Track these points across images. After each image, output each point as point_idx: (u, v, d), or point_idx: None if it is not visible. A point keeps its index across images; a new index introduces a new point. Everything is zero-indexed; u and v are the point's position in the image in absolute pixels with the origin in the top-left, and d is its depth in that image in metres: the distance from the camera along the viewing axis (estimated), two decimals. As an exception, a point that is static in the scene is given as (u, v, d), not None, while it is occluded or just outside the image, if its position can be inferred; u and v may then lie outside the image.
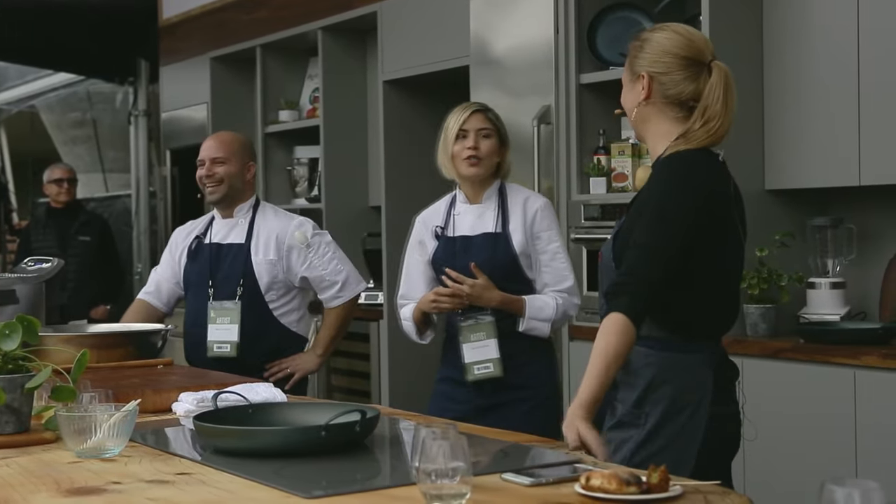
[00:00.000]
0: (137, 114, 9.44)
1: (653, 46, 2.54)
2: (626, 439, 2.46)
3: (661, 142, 2.55)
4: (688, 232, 2.43)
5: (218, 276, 3.98)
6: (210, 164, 4.04)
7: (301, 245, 3.98)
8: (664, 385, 2.46)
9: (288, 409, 2.41)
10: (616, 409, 2.50)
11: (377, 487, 1.94)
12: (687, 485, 1.85)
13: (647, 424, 2.45)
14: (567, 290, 3.51)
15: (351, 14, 6.09)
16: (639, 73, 2.55)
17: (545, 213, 3.54)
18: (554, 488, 1.87)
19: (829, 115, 4.13)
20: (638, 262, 2.42)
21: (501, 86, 5.01)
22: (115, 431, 2.19)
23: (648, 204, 2.47)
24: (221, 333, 3.87)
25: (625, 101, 2.63)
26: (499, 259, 3.50)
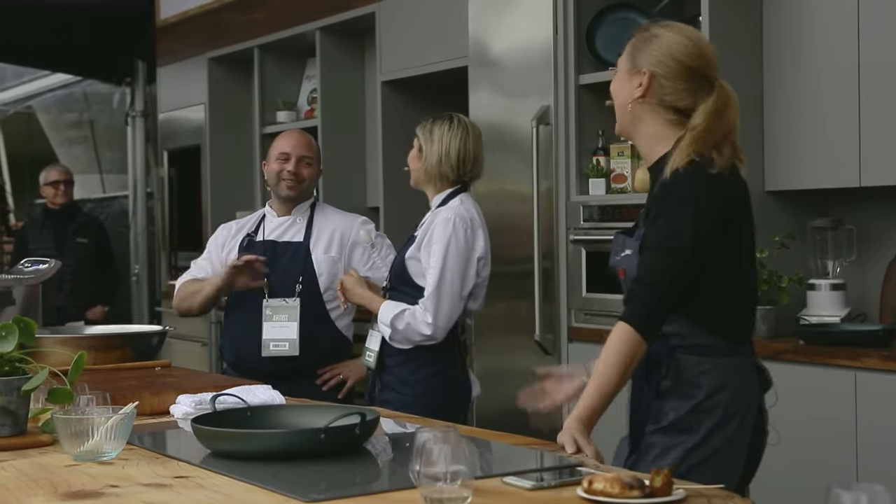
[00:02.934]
0: (135, 115, 9.43)
1: (661, 45, 2.45)
2: (675, 444, 2.41)
3: (652, 144, 2.49)
4: (704, 240, 2.37)
5: (274, 273, 3.87)
6: (297, 162, 3.94)
7: (366, 244, 3.94)
8: (721, 391, 2.41)
9: (286, 412, 2.39)
10: (665, 415, 2.44)
11: (376, 491, 1.92)
12: (690, 488, 1.83)
13: (702, 430, 2.41)
14: (422, 303, 3.48)
15: (349, 14, 6.08)
16: (640, 68, 2.46)
17: (439, 227, 3.52)
18: (556, 492, 1.86)
19: (829, 117, 4.12)
20: (648, 269, 2.37)
21: (500, 86, 4.99)
22: (113, 434, 2.17)
23: (663, 211, 2.39)
24: (279, 331, 3.77)
25: (618, 91, 2.53)
26: (397, 260, 3.63)
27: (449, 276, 3.48)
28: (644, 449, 2.45)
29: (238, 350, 3.88)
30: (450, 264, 3.48)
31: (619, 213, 4.53)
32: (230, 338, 3.93)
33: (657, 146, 2.49)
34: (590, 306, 4.54)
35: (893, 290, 4.18)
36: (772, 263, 4.20)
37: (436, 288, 3.48)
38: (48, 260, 3.84)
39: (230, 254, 3.98)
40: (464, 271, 3.51)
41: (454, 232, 3.50)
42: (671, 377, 2.42)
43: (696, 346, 2.41)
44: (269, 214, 4.02)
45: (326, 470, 2.07)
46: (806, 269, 4.33)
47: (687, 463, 2.37)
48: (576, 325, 4.60)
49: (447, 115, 3.77)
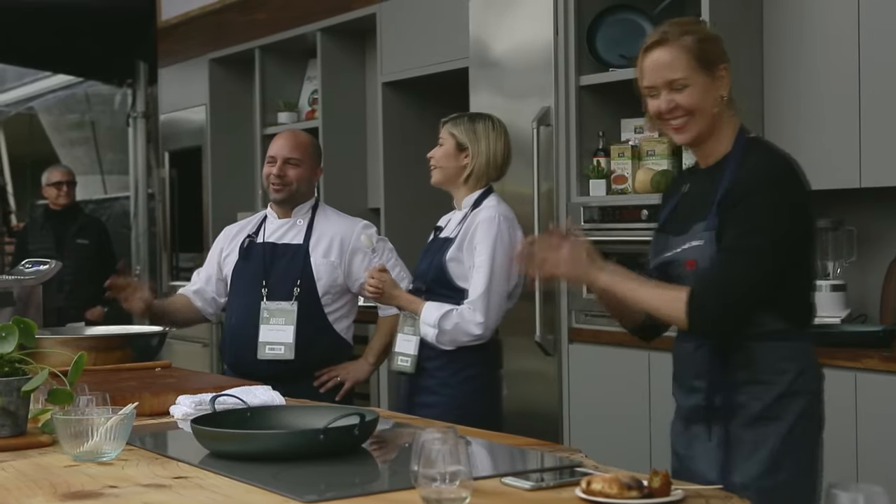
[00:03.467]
0: (136, 116, 9.43)
1: (716, 39, 2.51)
2: (765, 438, 2.42)
3: (722, 139, 2.50)
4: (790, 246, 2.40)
5: (272, 276, 3.84)
6: (282, 163, 3.89)
7: (367, 249, 3.90)
8: (802, 375, 2.44)
9: (286, 413, 2.40)
10: (748, 407, 2.44)
11: (376, 491, 1.92)
12: (689, 489, 1.84)
13: (788, 418, 2.42)
14: (470, 303, 3.47)
15: (350, 16, 6.08)
16: (719, 64, 2.48)
17: (483, 226, 3.51)
18: (555, 492, 1.86)
19: (830, 118, 4.12)
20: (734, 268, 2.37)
21: (501, 87, 5.00)
22: (113, 435, 2.17)
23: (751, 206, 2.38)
24: (275, 334, 3.75)
25: (702, 102, 2.48)
26: (434, 262, 3.59)
27: (497, 276, 3.48)
28: (734, 445, 2.45)
29: (236, 351, 3.87)
30: (497, 263, 3.47)
31: (620, 214, 4.54)
32: (229, 339, 3.91)
33: (723, 141, 2.51)
34: (590, 307, 4.54)
35: (894, 291, 4.18)
36: (772, 264, 4.19)
37: (486, 287, 3.46)
38: (48, 261, 3.85)
39: (229, 256, 3.99)
40: (509, 270, 3.51)
41: (499, 231, 3.50)
42: (745, 366, 2.42)
43: (771, 333, 2.42)
44: (271, 216, 3.99)
45: (326, 470, 2.07)
46: (806, 270, 4.32)
47: (780, 454, 2.40)
48: (576, 325, 4.61)
49: (480, 114, 3.77)
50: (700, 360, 2.48)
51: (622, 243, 4.51)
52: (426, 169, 5.95)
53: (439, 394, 3.52)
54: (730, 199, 2.41)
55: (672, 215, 2.58)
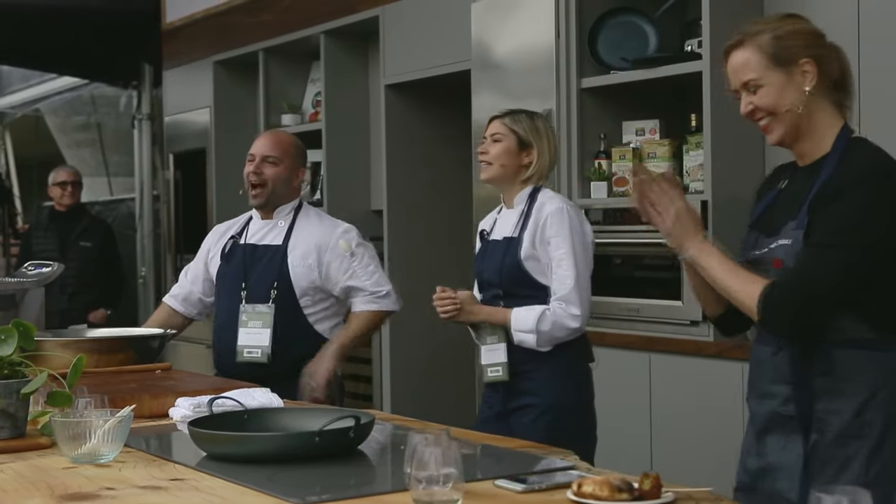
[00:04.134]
0: (141, 118, 9.45)
1: (797, 32, 2.42)
2: (853, 455, 2.30)
3: (821, 137, 2.41)
4: (886, 248, 2.30)
5: (251, 278, 3.82)
6: (260, 161, 3.86)
7: (345, 253, 3.83)
8: (884, 388, 2.31)
9: (283, 415, 2.41)
10: (829, 423, 2.33)
11: (370, 493, 1.93)
12: (679, 491, 1.85)
13: (874, 433, 2.30)
14: (562, 298, 3.42)
15: (353, 18, 6.10)
16: (796, 59, 2.38)
17: (555, 219, 3.46)
18: (547, 495, 1.87)
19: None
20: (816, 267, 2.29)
21: (503, 90, 5.01)
22: (110, 437, 2.18)
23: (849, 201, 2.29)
24: (252, 338, 3.72)
25: (780, 101, 2.40)
26: (506, 264, 3.51)
27: (582, 265, 3.45)
28: (820, 464, 2.33)
29: (219, 354, 3.87)
30: (578, 253, 3.44)
31: (621, 217, 4.55)
32: (215, 341, 3.91)
33: (823, 141, 2.41)
34: (593, 309, 4.53)
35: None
36: (772, 266, 4.20)
37: (576, 279, 3.41)
38: (51, 263, 3.86)
39: (215, 257, 3.99)
40: (588, 258, 3.49)
41: (571, 221, 3.45)
42: (826, 373, 2.32)
43: (856, 341, 2.31)
44: (255, 217, 3.97)
45: (322, 472, 2.08)
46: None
47: (872, 470, 2.28)
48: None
49: (533, 111, 3.70)
50: (778, 364, 2.38)
51: (624, 245, 4.52)
52: (430, 171, 6.03)
53: (539, 395, 3.46)
54: (824, 196, 2.33)
55: (764, 213, 2.50)
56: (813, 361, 2.34)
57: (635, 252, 4.54)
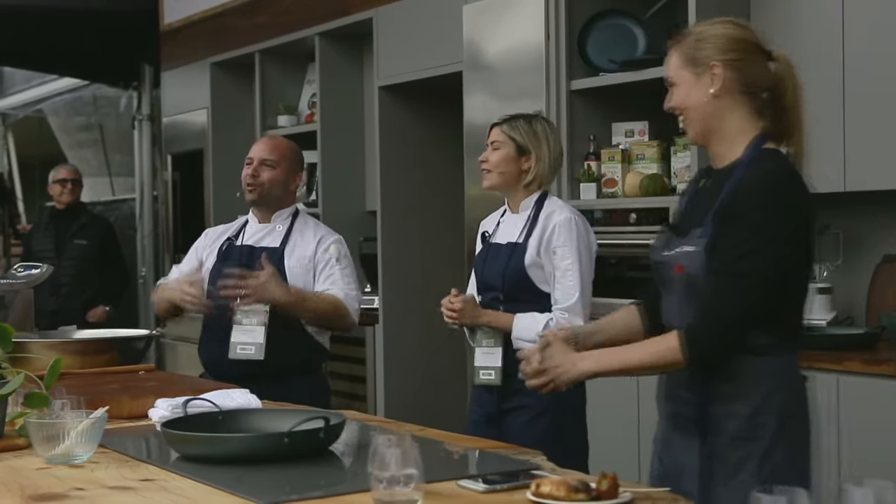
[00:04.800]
0: (141, 118, 9.49)
1: (717, 36, 2.43)
2: (746, 457, 2.36)
3: (732, 142, 2.43)
4: (786, 259, 2.34)
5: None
6: (258, 164, 3.92)
7: (332, 257, 3.89)
8: (779, 391, 2.36)
9: (257, 416, 2.44)
10: (725, 426, 2.38)
11: (335, 494, 1.96)
12: (637, 491, 1.87)
13: (767, 435, 2.35)
14: (567, 309, 3.44)
15: (347, 20, 6.14)
16: (707, 63, 2.41)
17: (563, 229, 3.48)
18: (507, 495, 1.90)
19: (815, 121, 4.12)
20: (724, 296, 2.33)
21: (494, 91, 5.04)
22: (84, 438, 2.22)
23: (752, 228, 2.32)
24: (246, 335, 3.75)
25: (687, 99, 2.45)
26: (510, 269, 3.52)
27: (587, 276, 3.48)
28: (715, 466, 2.39)
29: (210, 352, 3.89)
30: (584, 264, 3.47)
31: (610, 218, 4.57)
32: (205, 339, 3.94)
33: (735, 145, 2.43)
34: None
35: (879, 294, 4.21)
36: (758, 267, 4.22)
37: (581, 291, 3.43)
38: (41, 265, 3.89)
39: (210, 256, 4.02)
40: (592, 269, 3.52)
41: (579, 232, 3.48)
42: (728, 379, 2.37)
43: (752, 347, 2.36)
44: (252, 220, 4.02)
45: (291, 473, 2.11)
46: (793, 273, 4.35)
47: (765, 471, 2.33)
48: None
49: (533, 114, 3.70)
50: (685, 370, 2.43)
51: (612, 246, 4.54)
52: (423, 172, 6.05)
53: (534, 396, 3.43)
54: (728, 209, 2.36)
55: (681, 213, 2.54)
56: (716, 368, 2.38)
57: (624, 253, 4.56)
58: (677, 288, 2.46)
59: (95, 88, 10.77)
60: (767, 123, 2.46)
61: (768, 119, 2.46)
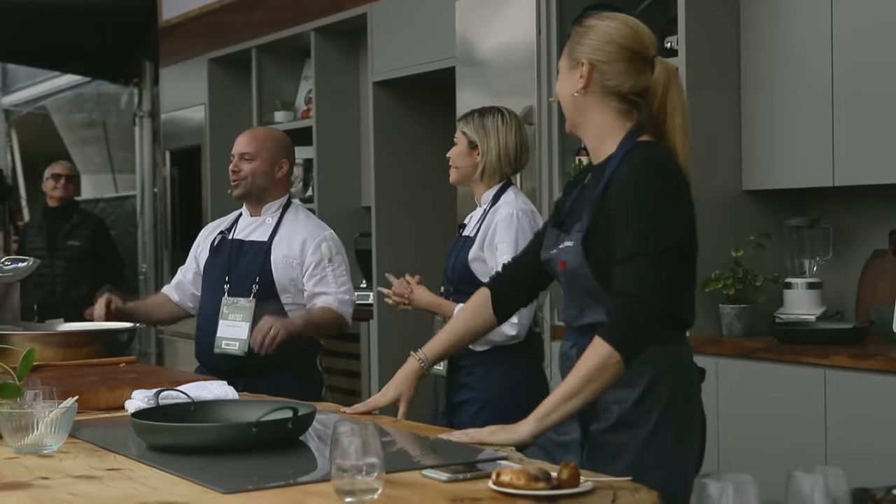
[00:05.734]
0: (142, 115, 9.51)
1: (597, 34, 2.43)
2: (627, 443, 2.37)
3: (603, 137, 2.45)
4: (683, 236, 2.37)
5: (235, 272, 3.87)
6: (238, 159, 3.95)
7: (324, 257, 3.88)
8: (665, 379, 2.37)
9: (229, 407, 2.43)
10: (611, 411, 2.38)
11: (294, 483, 1.96)
12: (599, 481, 1.87)
13: (649, 422, 2.36)
14: None
15: (342, 15, 6.14)
16: (579, 59, 2.43)
17: (503, 225, 3.50)
18: (470, 484, 1.89)
19: (804, 116, 4.14)
20: (635, 282, 2.30)
21: (486, 86, 5.04)
22: (54, 428, 2.22)
23: (635, 212, 2.33)
24: (232, 330, 3.77)
25: (560, 89, 2.51)
26: (458, 261, 3.58)
27: None
28: (596, 449, 2.40)
29: (201, 345, 3.91)
30: None
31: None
32: (197, 333, 3.96)
33: (607, 140, 2.45)
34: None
35: (869, 289, 4.20)
36: (747, 262, 4.22)
37: None
38: (27, 258, 3.90)
39: (202, 252, 4.04)
40: None
41: (519, 227, 3.48)
42: None
43: None
44: (245, 214, 4.04)
45: (258, 463, 2.10)
46: (783, 268, 4.35)
47: (645, 459, 2.34)
48: (558, 323, 4.63)
49: (492, 108, 3.74)
50: (572, 357, 2.45)
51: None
52: (417, 167, 6.05)
53: (477, 389, 3.51)
54: (603, 203, 2.38)
55: (566, 211, 2.54)
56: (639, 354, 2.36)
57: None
58: (563, 284, 2.49)
59: (98, 85, 10.79)
60: (642, 122, 2.45)
61: (644, 118, 2.45)
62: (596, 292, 2.40)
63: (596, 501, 1.79)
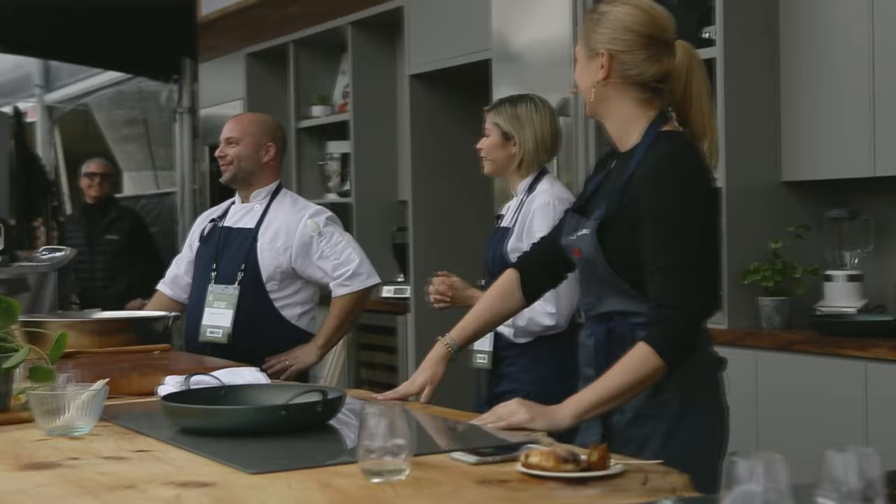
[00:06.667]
0: (182, 111, 9.55)
1: (612, 21, 2.38)
2: (650, 434, 2.35)
3: (626, 126, 2.41)
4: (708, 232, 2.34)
5: (222, 259, 3.87)
6: (224, 144, 3.95)
7: (313, 233, 3.84)
8: (681, 369, 2.31)
9: (259, 391, 2.43)
10: (628, 403, 2.34)
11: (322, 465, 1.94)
12: (630, 463, 1.85)
13: (670, 413, 2.35)
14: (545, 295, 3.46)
15: (379, 9, 6.14)
16: (597, 49, 2.39)
17: (540, 213, 3.48)
18: (498, 467, 1.87)
19: (845, 106, 4.09)
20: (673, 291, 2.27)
21: (521, 79, 5.01)
22: (85, 411, 2.22)
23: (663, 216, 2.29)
24: (216, 318, 3.77)
25: (580, 79, 2.45)
26: (497, 253, 3.55)
27: None
28: (618, 443, 2.35)
29: (187, 334, 3.91)
30: None
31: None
32: (185, 320, 3.95)
33: (631, 130, 2.41)
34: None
35: (910, 281, 4.14)
36: (787, 254, 4.17)
37: None
38: (64, 248, 3.92)
39: (194, 241, 4.06)
40: None
41: (556, 214, 3.42)
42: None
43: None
44: (237, 201, 4.04)
45: (287, 445, 2.09)
46: (822, 260, 4.30)
47: (669, 450, 2.29)
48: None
49: (522, 96, 3.71)
50: (589, 347, 2.44)
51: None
52: (453, 160, 6.03)
53: (519, 381, 3.50)
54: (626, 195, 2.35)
55: (588, 197, 2.51)
56: (612, 345, 2.37)
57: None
58: (579, 271, 2.47)
59: (139, 82, 10.85)
60: (664, 108, 2.41)
61: (667, 105, 2.41)
62: (611, 281, 2.38)
63: (626, 484, 1.77)
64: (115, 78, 11.14)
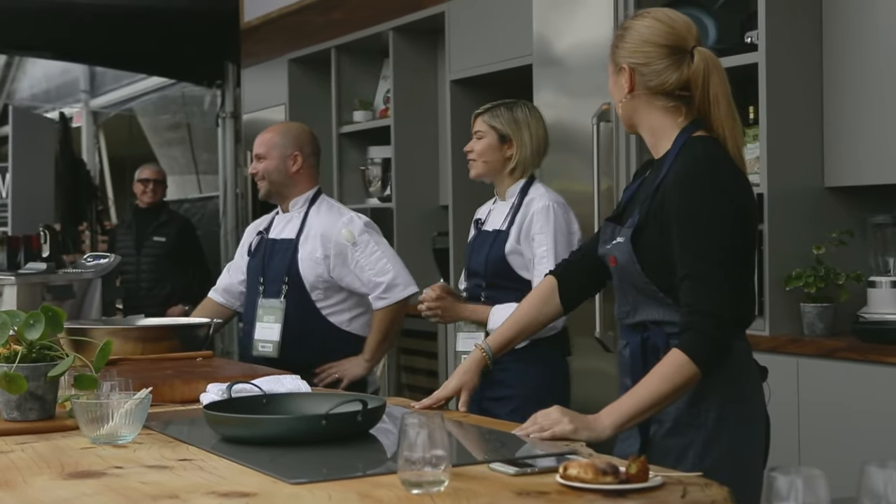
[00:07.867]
0: (225, 116, 9.61)
1: (633, 36, 2.44)
2: (688, 444, 2.35)
3: (658, 135, 2.46)
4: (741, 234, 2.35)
5: (268, 273, 3.89)
6: (255, 160, 4.01)
7: (348, 243, 3.84)
8: (719, 377, 2.32)
9: (300, 400, 2.45)
10: (666, 413, 2.35)
11: (367, 475, 1.96)
12: (669, 476, 1.85)
13: (709, 422, 2.35)
14: None
15: (420, 14, 6.15)
16: (620, 64, 2.46)
17: (540, 216, 3.51)
18: (537, 478, 1.88)
19: (889, 111, 4.05)
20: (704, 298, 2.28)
21: (563, 85, 5.01)
22: (129, 419, 2.25)
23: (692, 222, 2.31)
24: (266, 332, 3.79)
25: (611, 94, 2.53)
26: (492, 256, 3.58)
27: None
28: (657, 453, 2.35)
29: (243, 348, 3.97)
30: (560, 252, 3.47)
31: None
32: (241, 336, 4.01)
33: (662, 138, 2.46)
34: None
35: (956, 288, 4.09)
36: (829, 260, 4.14)
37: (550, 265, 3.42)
38: (109, 255, 3.96)
39: (245, 255, 4.09)
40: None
41: (556, 219, 3.51)
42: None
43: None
44: (279, 211, 4.07)
45: (328, 455, 2.11)
46: (866, 266, 4.26)
47: (707, 460, 2.32)
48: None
49: (514, 101, 3.76)
50: (625, 358, 2.45)
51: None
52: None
53: (513, 386, 3.52)
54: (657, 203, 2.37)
55: (624, 205, 2.54)
56: (647, 355, 2.38)
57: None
58: (615, 280, 2.50)
59: (183, 87, 10.95)
60: (692, 115, 2.44)
61: (694, 111, 2.44)
62: (646, 289, 2.39)
63: (665, 496, 1.77)
64: (159, 83, 11.24)
